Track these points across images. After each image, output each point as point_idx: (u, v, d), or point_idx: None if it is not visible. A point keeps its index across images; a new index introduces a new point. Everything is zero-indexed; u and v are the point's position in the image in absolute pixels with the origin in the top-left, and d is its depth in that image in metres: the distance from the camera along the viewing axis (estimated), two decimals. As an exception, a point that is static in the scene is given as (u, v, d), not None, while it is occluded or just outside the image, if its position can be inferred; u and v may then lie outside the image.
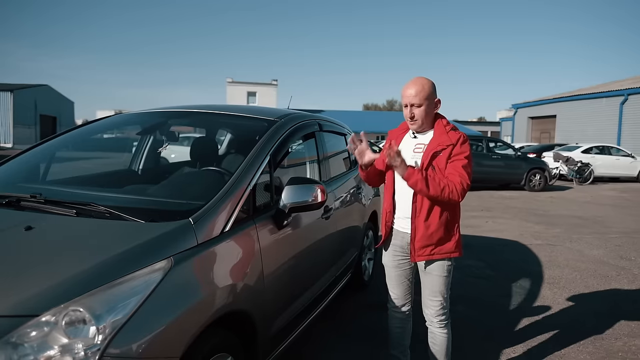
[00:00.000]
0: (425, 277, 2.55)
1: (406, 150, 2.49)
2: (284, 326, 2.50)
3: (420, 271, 2.57)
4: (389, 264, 2.66)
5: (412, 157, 2.46)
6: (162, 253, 1.70)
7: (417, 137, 2.52)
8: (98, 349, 1.38)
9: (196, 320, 1.69)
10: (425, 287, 2.57)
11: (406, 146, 2.53)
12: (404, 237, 2.53)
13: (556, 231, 7.89)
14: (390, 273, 2.67)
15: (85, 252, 1.67)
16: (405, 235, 2.51)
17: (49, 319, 1.39)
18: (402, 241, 2.55)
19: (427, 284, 2.56)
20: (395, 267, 2.63)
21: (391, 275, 2.67)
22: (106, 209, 1.94)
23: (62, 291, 1.45)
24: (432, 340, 2.62)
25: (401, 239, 2.55)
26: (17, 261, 1.64)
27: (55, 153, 2.98)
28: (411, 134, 2.55)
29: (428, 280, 2.54)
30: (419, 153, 2.46)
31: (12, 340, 1.33)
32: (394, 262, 2.62)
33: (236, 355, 1.99)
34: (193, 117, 3.24)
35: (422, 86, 2.40)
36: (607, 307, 4.22)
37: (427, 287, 2.56)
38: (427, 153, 2.40)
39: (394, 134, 2.64)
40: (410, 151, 2.49)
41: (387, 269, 2.69)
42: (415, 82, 2.42)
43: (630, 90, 24.77)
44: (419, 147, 2.48)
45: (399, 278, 2.64)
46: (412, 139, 2.53)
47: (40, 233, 1.77)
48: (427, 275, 2.54)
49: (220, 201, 2.07)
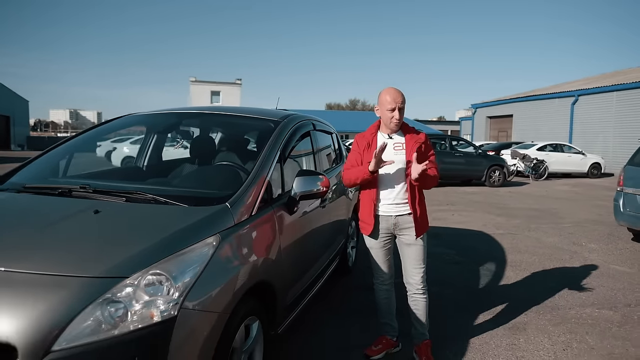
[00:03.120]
0: (410, 250, 2.97)
1: (385, 149, 2.85)
2: (293, 299, 2.89)
3: (405, 246, 2.98)
4: (376, 245, 3.03)
5: (395, 153, 2.90)
6: (211, 230, 2.06)
7: (393, 138, 2.95)
8: (176, 303, 1.73)
9: (240, 284, 2.06)
10: (410, 259, 2.98)
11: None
12: (388, 220, 2.95)
13: (516, 222, 8.55)
14: (378, 253, 3.05)
15: (150, 229, 2.02)
16: (390, 218, 2.94)
17: (135, 281, 1.73)
18: (388, 223, 2.96)
19: (411, 255, 2.97)
20: (381, 248, 3.03)
21: (378, 255, 3.06)
22: (152, 196, 2.28)
23: (143, 258, 1.80)
24: (415, 306, 3.02)
25: (386, 222, 2.96)
26: (100, 237, 1.96)
27: (74, 152, 3.25)
28: (385, 135, 2.95)
29: (413, 252, 2.96)
30: (399, 150, 2.91)
31: (107, 297, 1.67)
32: (380, 243, 3.01)
33: (261, 319, 2.36)
34: (205, 117, 3.57)
35: (402, 94, 2.89)
36: (562, 284, 4.80)
37: (411, 258, 2.98)
38: (409, 150, 2.87)
39: (367, 137, 3.00)
40: (391, 149, 2.91)
41: (374, 250, 3.07)
42: (398, 90, 2.89)
43: (581, 91, 26.15)
44: (398, 146, 2.92)
45: (385, 256, 3.05)
46: (389, 140, 2.94)
47: (107, 215, 2.10)
48: (411, 247, 2.96)
49: (248, 190, 2.44)
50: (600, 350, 3.32)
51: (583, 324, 3.76)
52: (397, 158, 2.88)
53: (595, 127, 24.80)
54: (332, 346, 3.27)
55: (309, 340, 3.34)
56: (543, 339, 3.46)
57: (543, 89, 33.28)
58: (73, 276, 1.70)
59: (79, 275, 1.70)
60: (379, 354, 3.09)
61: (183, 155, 3.80)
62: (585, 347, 3.36)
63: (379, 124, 3.01)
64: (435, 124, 60.51)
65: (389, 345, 3.14)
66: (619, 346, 3.38)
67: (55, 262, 1.77)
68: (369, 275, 3.18)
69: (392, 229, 2.97)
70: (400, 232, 2.97)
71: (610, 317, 3.94)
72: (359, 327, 3.59)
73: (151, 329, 1.65)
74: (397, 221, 2.94)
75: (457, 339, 3.41)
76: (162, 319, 1.68)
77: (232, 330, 2.00)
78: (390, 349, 3.15)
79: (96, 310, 1.62)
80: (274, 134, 2.99)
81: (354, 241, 5.08)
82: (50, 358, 1.51)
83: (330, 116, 53.24)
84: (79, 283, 1.67)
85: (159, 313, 1.68)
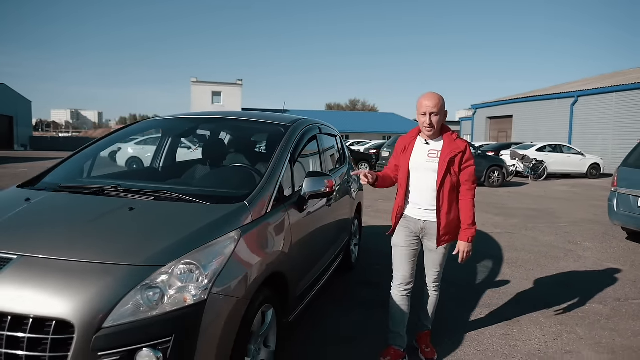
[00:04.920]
0: (432, 255, 3.05)
1: (419, 155, 2.94)
2: (302, 291, 3.13)
3: (428, 251, 3.06)
4: (401, 244, 3.05)
5: (427, 161, 2.91)
6: (233, 225, 2.30)
7: (430, 144, 2.94)
8: (206, 288, 1.97)
9: (258, 274, 2.30)
10: (430, 262, 3.08)
11: (419, 152, 2.97)
12: (417, 224, 2.99)
13: (514, 221, 8.78)
14: (401, 252, 3.05)
15: (179, 224, 2.27)
16: (419, 222, 2.97)
17: (170, 269, 1.97)
18: (416, 226, 3.00)
19: (432, 260, 3.06)
20: (406, 247, 3.04)
21: (402, 254, 3.05)
22: (178, 195, 2.53)
23: (176, 249, 2.04)
24: (424, 298, 3.19)
25: (414, 224, 3.00)
26: (137, 230, 2.22)
27: (98, 154, 3.49)
28: (423, 140, 2.96)
29: (434, 257, 3.05)
30: (433, 158, 2.90)
31: (146, 283, 1.91)
32: (405, 242, 3.04)
33: (276, 307, 2.60)
34: (219, 122, 3.81)
35: (438, 99, 2.84)
36: (556, 280, 5.04)
37: (431, 261, 3.07)
38: (443, 158, 2.86)
39: (405, 140, 3.05)
40: (425, 156, 2.93)
41: (398, 249, 3.07)
42: (433, 95, 2.85)
43: (580, 92, 26.38)
44: (433, 153, 2.91)
45: (408, 256, 3.05)
46: (425, 145, 2.95)
47: (141, 212, 2.35)
48: (434, 254, 3.03)
49: (263, 189, 2.68)
50: (589, 340, 3.55)
51: (573, 317, 4.00)
52: (430, 166, 2.89)
53: (594, 128, 25.02)
54: (336, 335, 3.51)
55: (315, 328, 3.58)
56: (535, 330, 3.69)
57: (543, 89, 33.50)
58: (117, 264, 1.94)
59: (122, 264, 1.95)
60: None
61: (196, 157, 4.04)
62: (574, 337, 3.59)
63: (419, 129, 3.02)
64: (435, 125, 60.51)
65: (397, 357, 3.10)
66: (606, 336, 3.62)
67: (101, 252, 2.01)
68: (370, 272, 3.36)
69: (419, 232, 3.01)
70: (426, 238, 3.02)
71: (599, 310, 4.17)
72: (361, 319, 3.82)
73: (185, 311, 1.89)
74: (424, 226, 2.97)
75: (454, 330, 3.64)
76: (195, 302, 1.92)
77: (252, 315, 2.24)
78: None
79: (137, 294, 1.86)
80: (284, 138, 3.23)
81: (357, 239, 5.32)
82: (101, 334, 1.76)
83: (331, 116, 53.52)
84: (122, 271, 1.92)
85: (192, 297, 1.92)
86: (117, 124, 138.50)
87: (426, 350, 3.18)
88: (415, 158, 2.94)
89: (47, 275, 1.88)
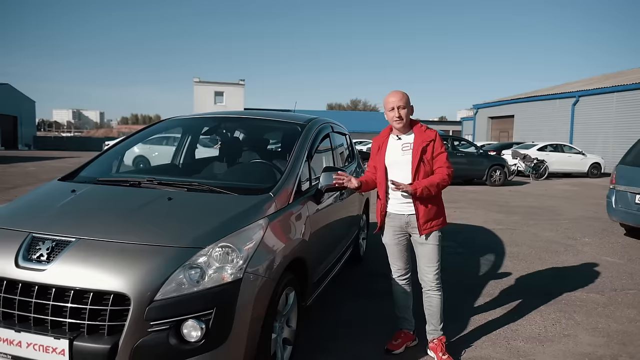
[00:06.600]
0: (423, 248, 3.08)
1: (394, 150, 3.07)
2: (319, 277, 3.37)
3: (418, 245, 3.09)
4: (391, 242, 3.18)
5: (402, 154, 3.03)
6: (260, 214, 2.55)
7: (401, 139, 3.07)
8: (241, 268, 2.21)
9: (283, 258, 2.54)
10: (423, 257, 3.10)
11: (393, 147, 3.10)
12: (401, 219, 3.08)
13: (515, 218, 9.02)
14: (393, 249, 3.20)
15: (214, 211, 2.52)
16: (402, 216, 3.07)
17: (209, 251, 2.21)
18: (401, 221, 3.09)
19: (424, 254, 3.08)
20: (396, 244, 3.17)
21: (394, 251, 3.20)
22: (209, 187, 2.77)
23: (213, 234, 2.29)
24: (429, 303, 3.16)
25: (399, 220, 3.09)
26: (178, 217, 2.47)
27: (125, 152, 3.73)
28: (395, 137, 3.10)
29: (425, 251, 3.07)
30: (407, 150, 3.02)
31: (188, 263, 2.15)
32: (394, 239, 3.16)
33: (296, 290, 2.84)
34: (238, 121, 4.06)
35: (402, 94, 3.02)
36: (555, 272, 5.28)
37: (424, 256, 3.09)
38: (416, 149, 2.98)
39: (378, 140, 3.20)
40: (399, 150, 3.05)
41: (389, 247, 3.21)
42: (397, 92, 3.03)
43: (581, 92, 26.59)
44: (406, 146, 3.04)
45: (400, 252, 3.19)
46: (397, 141, 3.08)
47: (178, 202, 2.60)
48: (424, 246, 3.06)
49: (285, 182, 2.92)
50: (586, 325, 3.78)
51: (572, 305, 4.23)
52: (404, 159, 3.01)
53: (595, 127, 25.20)
54: (348, 320, 3.75)
55: (328, 312, 3.82)
56: (535, 316, 3.93)
57: (544, 89, 33.69)
58: (164, 246, 2.19)
59: (169, 246, 2.20)
60: (399, 348, 3.21)
61: (214, 154, 4.28)
62: (572, 322, 3.83)
63: (391, 127, 3.16)
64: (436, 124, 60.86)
65: (408, 339, 3.27)
66: (602, 322, 3.85)
67: (149, 236, 2.26)
68: (378, 264, 3.56)
69: (405, 227, 3.10)
70: (412, 231, 3.09)
71: (597, 299, 4.41)
72: (371, 306, 4.06)
73: (225, 287, 2.13)
74: (409, 220, 3.05)
75: (458, 317, 3.87)
76: (232, 279, 2.16)
77: (278, 294, 2.48)
78: (409, 343, 3.29)
79: (181, 273, 2.10)
80: (302, 136, 3.47)
81: (365, 233, 5.56)
82: (153, 305, 2.00)
83: (332, 116, 53.03)
84: (169, 252, 2.16)
85: (229, 275, 2.16)
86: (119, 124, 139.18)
87: (443, 358, 3.08)
88: (390, 154, 3.06)
89: (104, 255, 2.13)
